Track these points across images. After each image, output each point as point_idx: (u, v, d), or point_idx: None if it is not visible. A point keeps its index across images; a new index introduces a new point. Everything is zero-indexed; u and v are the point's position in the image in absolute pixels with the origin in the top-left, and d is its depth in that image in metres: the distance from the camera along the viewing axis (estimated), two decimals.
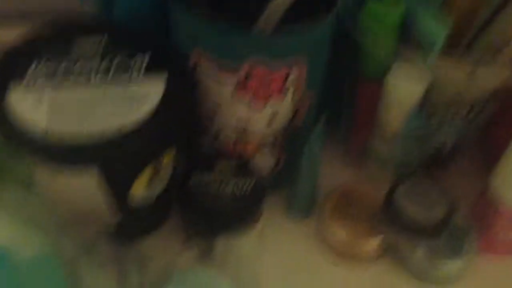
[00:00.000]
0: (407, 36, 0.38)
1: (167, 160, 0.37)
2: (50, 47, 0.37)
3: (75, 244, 0.33)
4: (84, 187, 0.35)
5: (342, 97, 0.44)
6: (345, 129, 0.47)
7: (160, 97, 0.35)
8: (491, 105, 0.39)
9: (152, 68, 0.36)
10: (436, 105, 0.38)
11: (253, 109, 0.36)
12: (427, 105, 0.38)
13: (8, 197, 0.35)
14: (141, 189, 0.37)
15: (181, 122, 0.36)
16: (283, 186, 0.44)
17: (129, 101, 0.34)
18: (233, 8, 0.36)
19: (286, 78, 0.34)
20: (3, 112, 0.33)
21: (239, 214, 0.37)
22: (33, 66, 0.36)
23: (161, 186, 0.39)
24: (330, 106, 0.40)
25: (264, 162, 0.41)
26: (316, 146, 0.39)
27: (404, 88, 0.37)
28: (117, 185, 0.36)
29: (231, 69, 0.34)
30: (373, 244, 0.40)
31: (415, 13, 0.37)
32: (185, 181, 0.38)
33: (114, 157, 0.33)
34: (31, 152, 0.33)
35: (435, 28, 0.35)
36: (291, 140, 0.40)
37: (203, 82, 0.36)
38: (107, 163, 0.33)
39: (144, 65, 0.36)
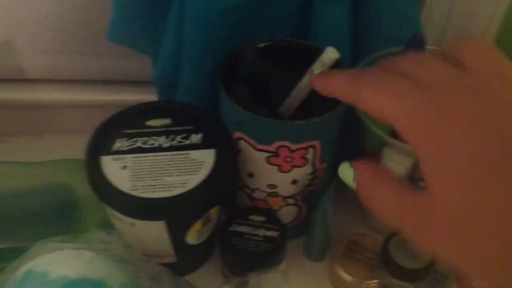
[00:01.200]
0: None
1: (214, 213, 0.49)
2: (129, 126, 0.49)
3: (146, 275, 0.45)
4: (154, 234, 0.46)
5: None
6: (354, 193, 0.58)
7: (212, 165, 0.46)
8: None
9: (206, 141, 0.48)
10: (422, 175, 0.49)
11: (282, 173, 0.48)
12: (415, 174, 0.49)
13: (93, 238, 0.47)
14: (194, 235, 0.48)
15: (226, 184, 0.48)
16: (303, 233, 0.55)
17: (189, 167, 0.46)
18: (267, 98, 0.48)
19: (305, 154, 0.46)
20: (97, 174, 0.45)
21: (267, 256, 0.48)
22: (117, 140, 0.48)
23: (208, 233, 0.50)
24: None
25: (289, 213, 0.52)
26: (329, 204, 0.50)
27: (396, 162, 0.49)
28: (178, 232, 0.47)
29: (264, 146, 0.46)
30: (372, 285, 0.51)
31: None
32: (225, 228, 0.50)
33: (177, 213, 0.45)
34: (117, 207, 0.45)
35: None
36: (310, 196, 0.51)
37: (243, 152, 0.48)
38: (172, 217, 0.45)
39: (200, 139, 0.48)
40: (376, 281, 0.51)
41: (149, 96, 0.64)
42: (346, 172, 0.33)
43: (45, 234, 0.50)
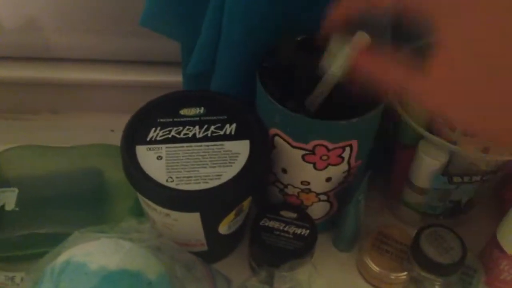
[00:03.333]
0: None
1: (246, 205, 0.49)
2: (163, 115, 0.49)
3: (181, 265, 0.45)
4: (188, 224, 0.47)
5: (383, 158, 0.55)
6: (384, 182, 0.58)
7: (247, 157, 0.46)
8: (502, 173, 0.50)
9: (240, 132, 0.48)
10: (456, 171, 0.49)
11: (316, 170, 0.47)
12: (449, 170, 0.49)
13: (128, 227, 0.47)
14: (226, 225, 0.48)
15: (260, 176, 0.48)
16: (333, 226, 0.55)
17: (223, 158, 0.46)
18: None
19: (342, 153, 0.46)
20: (133, 164, 0.45)
21: (296, 254, 0.48)
22: (152, 130, 0.48)
23: (239, 223, 0.50)
24: (374, 165, 0.51)
25: (320, 209, 0.52)
26: (362, 198, 0.50)
27: (431, 156, 0.48)
28: (211, 223, 0.47)
29: (301, 144, 0.45)
30: (401, 277, 0.51)
31: None
32: (256, 222, 0.50)
33: (212, 206, 0.45)
34: (153, 198, 0.45)
35: None
36: (343, 192, 0.51)
37: (278, 147, 0.48)
38: (207, 209, 0.45)
39: (234, 130, 0.48)
40: (405, 273, 0.51)
41: (175, 77, 0.64)
42: None
43: (76, 218, 0.52)
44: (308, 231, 0.49)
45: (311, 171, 0.48)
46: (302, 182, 0.49)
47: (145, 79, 0.69)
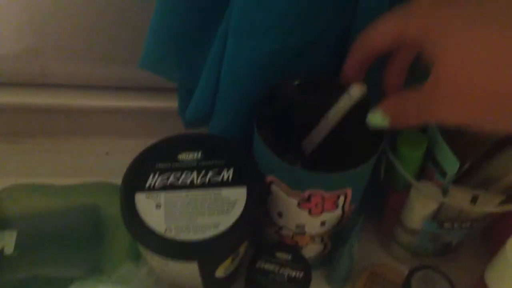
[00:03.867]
0: (430, 159, 0.50)
1: (242, 249, 0.50)
2: (161, 160, 0.50)
3: None
4: (186, 271, 0.48)
5: (376, 199, 0.56)
6: (377, 220, 0.59)
7: (243, 205, 0.47)
8: (491, 218, 0.51)
9: (237, 178, 0.48)
10: (446, 217, 0.50)
11: (311, 216, 0.48)
12: (439, 215, 0.50)
13: (126, 273, 0.48)
14: (222, 270, 0.50)
15: (257, 222, 0.49)
16: (326, 265, 0.56)
17: (221, 206, 0.47)
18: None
19: (337, 200, 0.47)
20: (132, 213, 0.46)
21: None
22: (151, 176, 0.49)
23: (235, 265, 0.52)
24: (368, 207, 0.52)
25: (315, 249, 0.54)
26: (355, 241, 0.51)
27: (422, 203, 0.50)
28: (208, 269, 0.48)
29: (297, 192, 0.46)
30: None
31: (436, 144, 0.49)
32: (252, 264, 0.51)
33: (210, 255, 0.46)
34: (152, 248, 0.46)
35: (451, 161, 0.48)
36: (337, 233, 0.52)
37: (274, 194, 0.49)
38: (205, 258, 0.46)
39: (232, 175, 0.49)
40: None
41: (169, 103, 0.64)
42: (374, 118, 0.40)
43: (75, 259, 0.53)
44: (302, 273, 0.51)
45: (306, 217, 0.49)
46: (297, 226, 0.51)
47: (140, 104, 0.70)
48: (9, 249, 0.51)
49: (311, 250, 0.54)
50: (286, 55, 0.47)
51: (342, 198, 0.47)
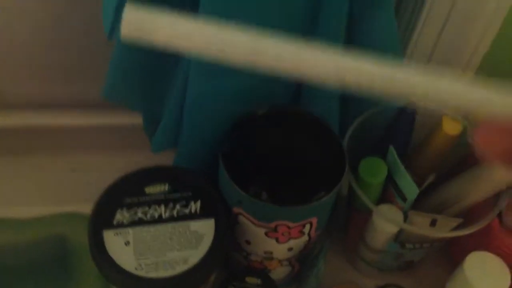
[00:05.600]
0: (391, 183, 0.52)
1: (212, 278, 0.51)
2: (128, 194, 0.50)
3: None
4: None
5: (342, 219, 0.58)
6: (344, 238, 0.61)
7: (212, 236, 0.48)
8: (450, 238, 0.54)
9: (205, 210, 0.49)
10: (407, 239, 0.52)
11: (279, 243, 0.50)
12: (400, 237, 0.52)
13: None
14: None
15: (226, 252, 0.50)
16: (295, 283, 0.58)
17: (190, 240, 0.48)
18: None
19: (303, 228, 0.48)
20: (102, 253, 0.46)
21: None
22: (118, 211, 0.49)
23: None
24: (334, 225, 0.54)
25: (283, 271, 0.55)
26: (321, 264, 0.53)
27: (384, 226, 0.51)
28: None
29: (263, 223, 0.48)
30: None
31: (397, 171, 0.51)
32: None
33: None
34: (123, 285, 0.46)
35: (410, 187, 0.50)
36: (304, 256, 0.54)
37: (242, 223, 0.50)
38: None
39: (199, 208, 0.50)
40: None
41: (135, 119, 0.64)
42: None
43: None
44: None
45: (274, 244, 0.50)
46: (265, 252, 0.52)
47: (104, 121, 0.70)
48: None
49: (280, 273, 0.55)
50: (247, 88, 0.47)
51: (308, 226, 0.49)
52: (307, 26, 0.45)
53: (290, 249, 0.51)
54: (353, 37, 0.48)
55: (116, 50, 0.49)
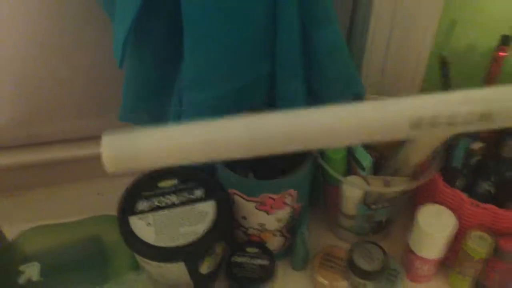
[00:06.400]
0: (352, 158, 0.65)
1: (219, 248, 0.64)
2: (146, 189, 0.64)
3: None
4: (176, 271, 0.61)
5: (320, 194, 0.71)
6: (325, 211, 0.74)
7: (215, 214, 0.61)
8: (406, 195, 0.66)
9: (207, 195, 0.63)
10: (371, 200, 0.65)
11: (268, 215, 0.63)
12: (367, 200, 0.65)
13: (126, 279, 0.62)
14: (205, 266, 0.63)
15: (227, 226, 0.63)
16: (289, 253, 0.71)
17: (197, 217, 0.61)
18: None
19: (285, 199, 0.61)
20: (130, 233, 0.60)
21: (261, 280, 0.64)
22: (139, 203, 0.62)
23: (216, 264, 0.65)
24: (314, 200, 0.67)
25: (277, 242, 0.68)
26: (305, 229, 0.66)
27: (351, 192, 0.64)
28: (193, 267, 0.62)
29: (253, 198, 0.61)
30: (344, 285, 0.67)
31: (354, 147, 0.64)
32: (228, 259, 0.65)
33: (192, 255, 0.60)
34: (147, 256, 0.59)
35: (365, 157, 0.63)
36: (292, 227, 0.67)
37: (237, 202, 0.63)
38: (189, 258, 0.60)
39: (203, 194, 0.63)
40: (346, 281, 0.67)
41: None
42: None
43: (88, 278, 0.66)
44: (268, 261, 0.65)
45: (264, 216, 0.63)
46: (259, 224, 0.65)
47: None
48: (35, 277, 0.64)
49: (274, 243, 0.68)
50: (230, 98, 0.61)
51: (289, 198, 0.62)
52: (269, 36, 0.59)
53: (278, 220, 0.64)
54: (309, 46, 0.62)
55: (125, 73, 0.63)
